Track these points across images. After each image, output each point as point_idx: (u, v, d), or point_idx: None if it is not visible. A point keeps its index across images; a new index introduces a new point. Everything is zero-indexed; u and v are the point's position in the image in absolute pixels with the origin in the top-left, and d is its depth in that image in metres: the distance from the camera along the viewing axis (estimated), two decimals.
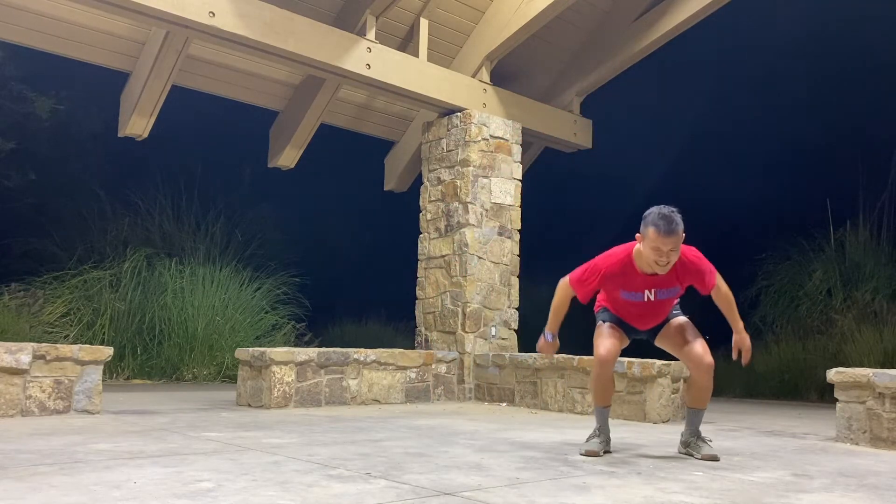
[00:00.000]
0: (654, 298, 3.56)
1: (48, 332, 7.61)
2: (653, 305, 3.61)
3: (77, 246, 8.80)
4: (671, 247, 3.35)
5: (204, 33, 5.77)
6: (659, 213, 3.37)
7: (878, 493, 2.88)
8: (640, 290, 3.54)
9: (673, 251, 3.37)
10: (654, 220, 3.36)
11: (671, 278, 3.51)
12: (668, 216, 3.35)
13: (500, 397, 6.57)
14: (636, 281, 3.52)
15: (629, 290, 3.57)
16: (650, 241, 3.36)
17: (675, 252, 3.39)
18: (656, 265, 3.41)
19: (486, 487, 2.73)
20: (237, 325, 8.65)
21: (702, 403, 3.73)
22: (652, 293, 3.54)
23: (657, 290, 3.54)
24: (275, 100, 7.72)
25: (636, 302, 3.59)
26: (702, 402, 3.73)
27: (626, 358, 5.63)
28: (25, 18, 6.09)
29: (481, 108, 7.18)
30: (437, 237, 7.16)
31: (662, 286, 3.53)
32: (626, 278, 3.53)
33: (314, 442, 3.76)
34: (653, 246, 3.36)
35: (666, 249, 3.35)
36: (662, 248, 3.35)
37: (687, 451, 3.71)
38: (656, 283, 3.52)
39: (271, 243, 10.20)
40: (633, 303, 3.61)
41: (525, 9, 6.82)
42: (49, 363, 4.54)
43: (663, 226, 3.33)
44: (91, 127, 9.87)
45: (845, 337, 8.30)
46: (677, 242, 3.37)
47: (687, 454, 3.70)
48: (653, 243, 3.36)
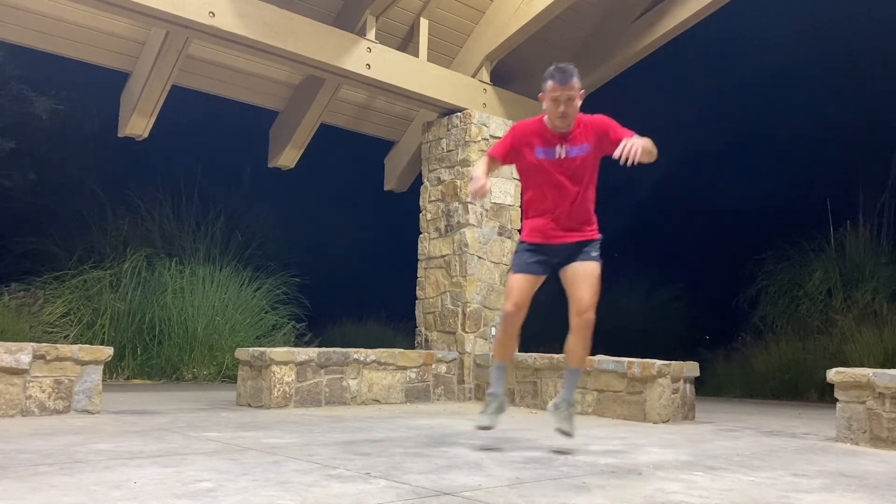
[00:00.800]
0: (566, 155, 3.63)
1: (48, 332, 7.61)
2: (566, 168, 3.64)
3: (77, 246, 8.80)
4: (567, 96, 3.49)
5: (204, 33, 5.77)
6: (554, 66, 3.56)
7: (878, 493, 2.88)
8: (552, 145, 3.64)
9: (569, 101, 3.51)
10: (550, 72, 3.55)
11: (580, 134, 3.63)
12: (563, 67, 3.54)
13: None
14: (547, 136, 3.64)
15: (543, 146, 3.65)
16: (549, 93, 3.53)
17: (572, 103, 3.52)
18: (557, 119, 3.55)
19: (486, 487, 2.73)
20: (237, 325, 8.65)
21: (574, 360, 3.74)
22: (563, 148, 3.63)
23: (568, 145, 3.63)
24: (275, 100, 7.72)
25: (551, 167, 3.64)
26: (574, 358, 3.73)
27: (626, 358, 5.65)
28: (25, 18, 6.09)
29: (481, 108, 7.18)
30: (437, 237, 7.16)
31: (572, 141, 3.63)
32: (539, 134, 3.66)
33: (314, 442, 3.76)
34: (550, 97, 3.53)
35: (563, 98, 3.50)
36: (559, 98, 3.50)
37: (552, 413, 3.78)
38: (566, 138, 3.63)
39: (271, 243, 10.20)
40: (547, 172, 3.65)
41: (525, 9, 6.82)
42: (49, 363, 4.54)
43: (558, 76, 3.50)
44: (91, 127, 9.87)
45: (845, 337, 8.30)
46: (572, 91, 3.50)
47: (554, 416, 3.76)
48: (550, 94, 3.52)
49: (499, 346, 3.86)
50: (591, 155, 3.67)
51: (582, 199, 3.70)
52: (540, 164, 3.68)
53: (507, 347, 3.83)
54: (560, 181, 3.67)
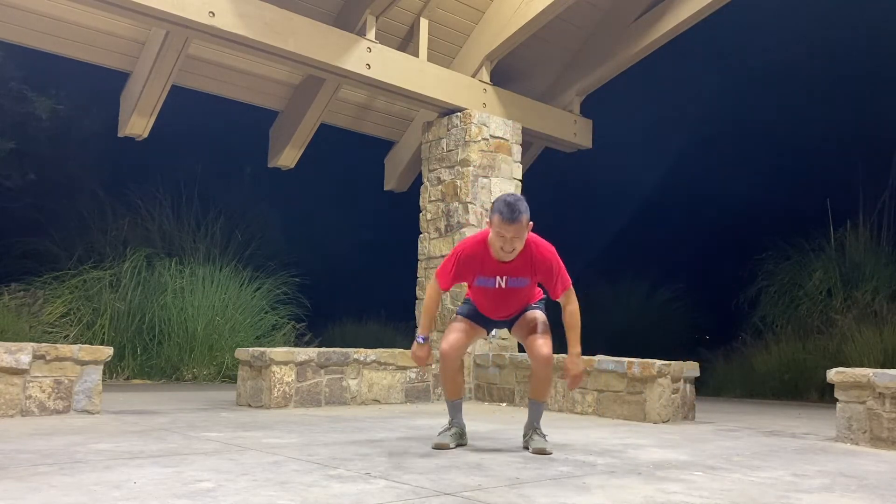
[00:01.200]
0: (506, 286, 3.62)
1: (48, 332, 7.61)
2: (505, 294, 3.65)
3: (77, 246, 8.79)
4: (513, 234, 3.41)
5: (204, 33, 5.77)
6: (504, 200, 3.44)
7: (878, 493, 2.87)
8: (492, 276, 3.60)
9: (516, 238, 3.43)
10: (499, 206, 3.43)
11: (521, 267, 3.58)
12: (512, 203, 3.41)
13: (500, 397, 6.57)
14: (489, 266, 3.58)
15: (483, 276, 3.62)
16: (495, 227, 3.45)
17: (519, 239, 3.45)
18: (502, 251, 3.48)
19: (486, 487, 2.73)
20: (237, 325, 8.65)
21: (540, 396, 3.75)
22: (503, 280, 3.60)
23: (508, 277, 3.60)
24: (275, 100, 7.73)
25: (489, 289, 3.65)
26: (539, 394, 3.75)
27: (626, 358, 5.65)
28: (25, 18, 6.10)
29: (481, 108, 7.18)
30: (437, 237, 7.16)
31: (513, 273, 3.59)
32: (481, 263, 3.59)
33: (314, 442, 3.76)
34: (497, 231, 3.44)
35: (509, 236, 3.42)
36: (506, 235, 3.42)
37: (525, 445, 3.73)
38: (507, 271, 3.58)
39: (271, 243, 10.20)
40: (486, 290, 3.66)
41: (525, 9, 6.82)
42: (49, 363, 4.54)
43: (506, 213, 3.39)
44: (91, 127, 9.87)
45: (845, 337, 8.30)
46: (519, 230, 3.42)
47: (525, 447, 3.70)
48: (497, 229, 3.43)
49: (446, 387, 3.81)
50: (530, 285, 3.70)
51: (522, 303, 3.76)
52: (480, 289, 3.71)
53: (454, 384, 3.78)
54: (497, 302, 3.71)
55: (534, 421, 3.74)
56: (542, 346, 3.63)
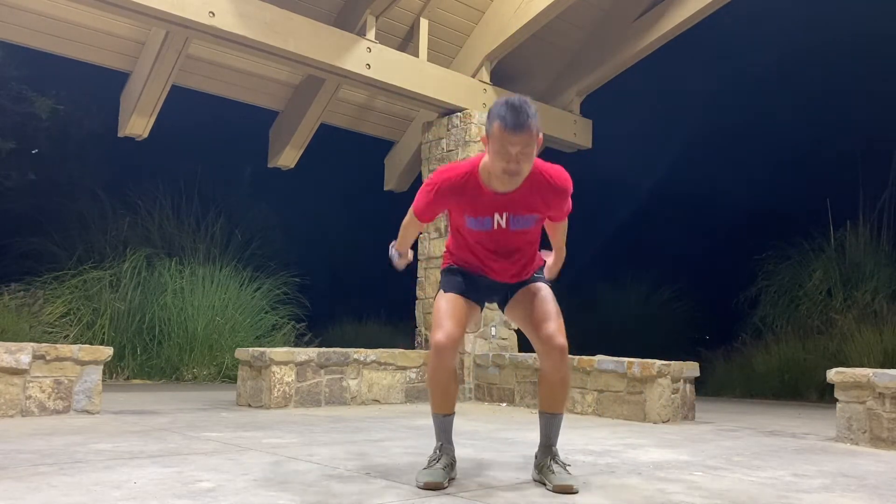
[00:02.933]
0: (507, 226, 2.71)
1: (48, 332, 7.61)
2: (506, 238, 2.75)
3: (77, 246, 8.79)
4: (521, 146, 2.51)
5: (204, 33, 5.76)
6: (506, 102, 2.56)
7: (878, 493, 2.88)
8: (488, 215, 2.70)
9: (523, 154, 2.53)
10: (499, 110, 2.54)
11: (527, 198, 2.67)
12: (518, 105, 2.54)
13: (500, 397, 6.57)
14: (483, 200, 2.68)
15: (475, 215, 2.71)
16: (495, 140, 2.53)
17: (527, 156, 2.55)
18: (504, 175, 2.56)
19: (486, 487, 2.73)
20: (237, 325, 8.65)
21: (556, 405, 2.78)
22: (503, 218, 2.70)
23: (509, 214, 2.69)
24: (275, 100, 7.72)
25: (484, 233, 2.74)
26: (556, 403, 2.78)
27: (626, 358, 5.65)
28: (25, 18, 6.10)
29: (481, 108, 7.18)
30: (438, 237, 7.16)
31: (516, 209, 2.69)
32: (471, 197, 2.68)
33: (314, 442, 3.76)
34: (499, 146, 2.52)
35: (515, 151, 2.51)
36: (510, 150, 2.51)
37: (538, 479, 2.79)
38: (508, 205, 2.68)
39: (271, 243, 10.20)
40: (480, 235, 2.76)
41: (525, 9, 6.81)
42: (49, 363, 4.54)
43: (510, 118, 2.50)
44: (91, 127, 9.87)
45: (845, 337, 8.30)
46: (528, 141, 2.52)
47: (539, 482, 2.79)
48: (498, 142, 2.52)
49: (435, 394, 2.79)
50: (537, 226, 2.80)
51: (522, 263, 2.85)
52: (471, 234, 2.79)
53: (447, 393, 2.77)
54: (494, 251, 2.80)
55: (550, 443, 2.80)
56: (555, 335, 2.69)
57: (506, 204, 2.68)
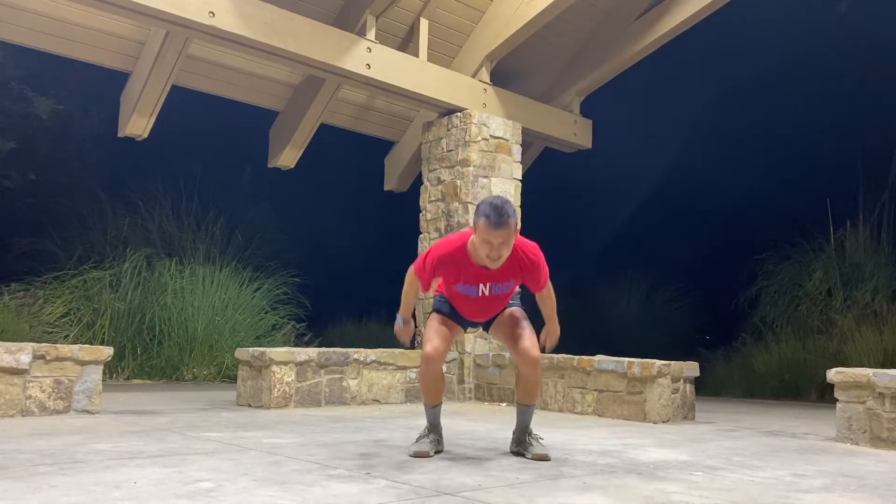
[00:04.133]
0: (489, 293, 3.39)
1: (48, 332, 7.61)
2: (488, 300, 3.44)
3: (77, 246, 8.79)
4: (501, 240, 3.14)
5: (204, 33, 5.77)
6: (490, 203, 3.16)
7: (878, 493, 2.88)
8: (474, 284, 3.36)
9: (504, 244, 3.16)
10: (485, 210, 3.14)
11: (507, 272, 3.32)
12: (499, 207, 3.13)
13: (501, 397, 6.57)
14: (470, 272, 3.33)
15: (464, 283, 3.38)
16: (480, 233, 3.16)
17: (507, 246, 3.18)
18: (488, 259, 3.21)
19: (486, 487, 2.73)
20: (237, 325, 8.65)
21: (530, 399, 3.56)
22: (487, 287, 3.36)
23: (492, 283, 3.36)
24: (275, 100, 7.72)
25: (472, 297, 3.42)
26: (530, 397, 3.55)
27: (626, 358, 5.65)
28: (25, 18, 6.10)
29: (481, 108, 7.18)
30: (437, 237, 7.15)
31: (498, 280, 3.35)
32: (461, 269, 3.34)
33: (314, 442, 3.76)
34: (483, 238, 3.16)
35: (496, 243, 3.14)
36: (493, 242, 3.14)
37: (517, 451, 3.55)
38: (491, 277, 3.33)
39: (271, 243, 10.20)
40: (468, 297, 3.43)
41: (525, 9, 6.82)
42: (49, 363, 4.54)
43: (493, 217, 3.10)
44: (91, 127, 9.87)
45: (845, 337, 8.30)
46: (508, 236, 3.15)
47: (517, 453, 3.54)
48: (483, 235, 3.15)
49: (426, 392, 3.58)
50: (514, 287, 3.51)
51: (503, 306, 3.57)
52: (460, 294, 3.47)
53: (436, 389, 3.58)
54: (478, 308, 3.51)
55: (526, 425, 3.57)
56: (531, 349, 3.43)
57: (489, 276, 3.35)
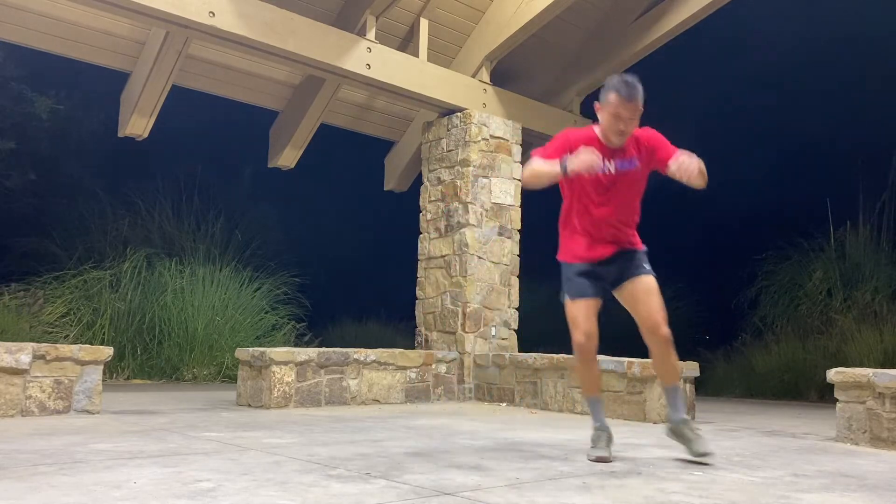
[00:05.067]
0: (615, 170, 3.42)
1: (48, 332, 7.61)
2: (612, 182, 3.43)
3: (77, 246, 8.80)
4: (630, 113, 3.30)
5: (204, 33, 5.77)
6: (621, 79, 3.34)
7: (878, 493, 2.88)
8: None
9: (632, 119, 3.32)
10: (616, 84, 3.32)
11: (629, 148, 3.43)
12: (630, 82, 3.32)
13: (500, 397, 6.57)
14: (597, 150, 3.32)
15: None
16: (610, 107, 3.31)
17: (634, 121, 3.34)
18: (614, 135, 3.35)
19: (486, 487, 2.73)
20: (237, 325, 8.65)
21: (669, 378, 3.52)
22: (611, 164, 3.41)
23: (617, 160, 3.42)
24: (275, 100, 7.72)
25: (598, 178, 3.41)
26: (668, 376, 3.52)
27: (626, 358, 5.65)
28: (25, 18, 6.09)
29: (481, 108, 7.18)
30: (437, 237, 7.16)
31: (622, 156, 3.43)
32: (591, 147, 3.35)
33: (314, 442, 3.76)
34: (612, 111, 3.30)
35: (626, 116, 3.30)
36: (622, 114, 3.29)
37: (678, 440, 3.49)
38: (616, 153, 3.42)
39: (271, 243, 10.20)
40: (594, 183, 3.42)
41: (525, 9, 6.82)
42: (49, 363, 4.54)
43: (624, 90, 3.28)
44: (91, 127, 9.88)
45: (845, 337, 8.30)
46: (636, 109, 3.31)
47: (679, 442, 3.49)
48: (613, 108, 3.30)
49: (582, 381, 3.63)
50: (639, 170, 3.50)
51: (626, 212, 3.56)
52: (583, 183, 3.47)
53: (591, 379, 3.58)
54: (604, 196, 3.49)
55: (679, 411, 3.46)
56: (661, 324, 3.45)
57: (614, 153, 3.41)
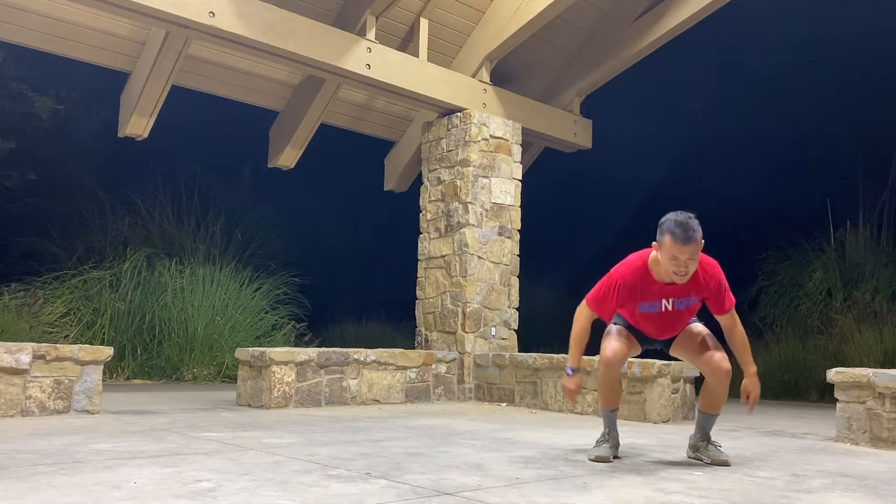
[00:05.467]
0: (672, 308, 3.43)
1: (48, 332, 7.61)
2: (671, 316, 3.47)
3: (77, 246, 8.79)
4: (689, 255, 3.22)
5: (204, 33, 5.77)
6: (675, 220, 3.25)
7: (878, 493, 2.88)
8: (657, 299, 3.40)
9: (691, 260, 3.24)
10: (671, 227, 3.23)
11: (688, 287, 3.37)
12: (685, 223, 3.23)
13: (500, 397, 6.57)
14: (653, 290, 3.38)
15: (647, 301, 3.41)
16: (667, 250, 3.23)
17: (694, 261, 3.26)
18: (675, 275, 3.27)
19: (486, 487, 2.73)
20: (237, 325, 8.65)
21: (715, 409, 3.61)
22: (670, 303, 3.41)
23: (675, 299, 3.40)
24: (275, 100, 7.72)
25: (654, 314, 3.45)
26: (715, 407, 3.60)
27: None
28: (25, 18, 6.09)
29: (481, 108, 7.18)
30: (437, 237, 7.16)
31: (681, 295, 3.40)
32: (643, 288, 3.38)
33: (314, 442, 3.76)
34: (670, 255, 3.22)
35: (684, 259, 3.22)
36: (680, 258, 3.21)
37: (696, 456, 3.58)
38: (675, 292, 3.38)
39: (271, 243, 10.20)
40: (651, 315, 3.46)
41: (525, 9, 6.82)
42: (49, 363, 4.54)
43: (680, 233, 3.20)
44: (91, 127, 9.87)
45: (845, 337, 8.29)
46: (696, 250, 3.23)
47: (696, 458, 3.57)
48: (670, 252, 3.22)
49: (604, 395, 3.61)
50: (696, 305, 3.51)
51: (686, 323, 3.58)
52: (643, 315, 3.48)
53: (614, 393, 3.60)
54: (661, 325, 3.52)
55: (706, 432, 3.60)
56: (722, 361, 3.47)
57: (673, 291, 3.39)
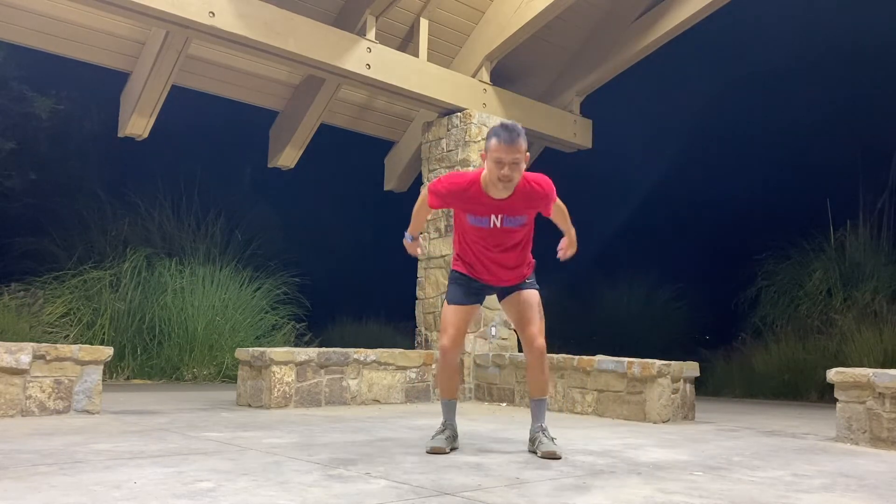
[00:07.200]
0: (501, 225, 3.43)
1: (48, 332, 7.61)
2: (500, 233, 3.45)
3: (77, 246, 8.79)
4: (512, 158, 3.24)
5: (204, 33, 5.77)
6: (501, 123, 3.33)
7: (878, 493, 2.88)
8: (486, 215, 3.42)
9: (515, 165, 3.25)
10: (496, 129, 3.30)
11: (518, 203, 3.40)
12: (510, 126, 3.29)
13: (500, 397, 6.57)
14: (482, 202, 3.40)
15: (476, 215, 3.44)
16: (492, 153, 3.27)
17: (518, 168, 3.27)
18: (499, 182, 3.27)
19: (486, 487, 2.73)
20: (237, 325, 8.65)
21: (539, 391, 3.61)
22: (499, 219, 3.41)
23: (504, 216, 3.41)
24: (275, 100, 7.73)
25: (484, 229, 3.45)
26: (538, 390, 3.61)
27: (626, 358, 5.65)
28: (25, 18, 6.10)
29: (481, 108, 7.18)
30: (438, 237, 7.16)
31: (510, 212, 3.41)
32: (473, 200, 3.41)
33: (314, 442, 3.76)
34: (494, 158, 3.26)
35: (508, 160, 3.24)
36: (504, 158, 3.23)
37: (532, 449, 3.55)
38: (503, 209, 3.39)
39: (271, 243, 10.20)
40: (481, 231, 3.46)
41: (525, 9, 6.82)
42: (49, 363, 4.54)
43: (504, 135, 3.24)
44: (91, 127, 9.87)
45: (845, 337, 8.30)
46: (517, 154, 3.25)
47: (532, 451, 3.54)
48: (494, 154, 3.26)
49: (442, 384, 3.71)
50: (527, 225, 3.52)
51: (515, 259, 3.58)
52: (473, 231, 3.52)
53: (452, 383, 3.69)
54: (491, 248, 3.52)
55: (539, 421, 3.58)
56: (537, 337, 3.54)
57: (500, 207, 3.40)
